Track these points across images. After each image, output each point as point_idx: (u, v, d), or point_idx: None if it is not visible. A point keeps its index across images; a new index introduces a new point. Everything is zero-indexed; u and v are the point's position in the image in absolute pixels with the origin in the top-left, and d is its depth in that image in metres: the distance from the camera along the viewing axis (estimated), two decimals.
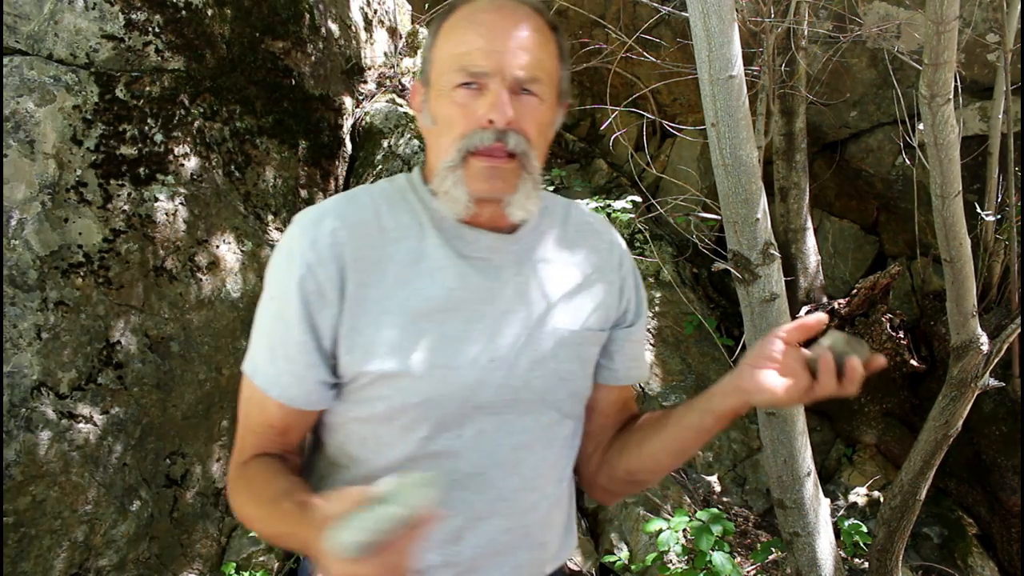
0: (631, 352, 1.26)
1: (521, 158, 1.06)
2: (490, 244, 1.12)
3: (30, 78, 2.73)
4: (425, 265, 1.09)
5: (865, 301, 3.26)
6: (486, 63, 1.04)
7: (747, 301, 2.05)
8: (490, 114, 1.03)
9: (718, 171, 1.92)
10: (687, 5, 1.78)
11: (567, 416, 1.18)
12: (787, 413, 2.18)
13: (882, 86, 3.52)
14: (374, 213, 1.12)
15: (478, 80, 1.05)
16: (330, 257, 1.06)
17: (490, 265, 1.12)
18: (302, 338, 1.06)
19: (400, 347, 1.06)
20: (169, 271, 2.93)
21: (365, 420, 1.11)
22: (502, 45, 1.05)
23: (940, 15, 1.70)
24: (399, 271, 1.09)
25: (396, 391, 1.07)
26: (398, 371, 1.06)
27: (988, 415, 3.14)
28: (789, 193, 3.45)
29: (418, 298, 1.07)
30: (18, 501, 2.57)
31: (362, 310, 1.06)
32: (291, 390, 1.08)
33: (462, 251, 1.11)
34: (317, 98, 3.56)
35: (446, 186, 1.07)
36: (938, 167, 1.96)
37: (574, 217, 1.24)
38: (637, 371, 1.27)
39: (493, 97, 1.03)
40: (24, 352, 2.61)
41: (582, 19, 4.03)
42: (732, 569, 2.50)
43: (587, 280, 1.19)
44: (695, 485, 3.32)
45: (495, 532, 1.12)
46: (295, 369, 1.07)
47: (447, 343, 1.07)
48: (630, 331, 1.25)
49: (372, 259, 1.08)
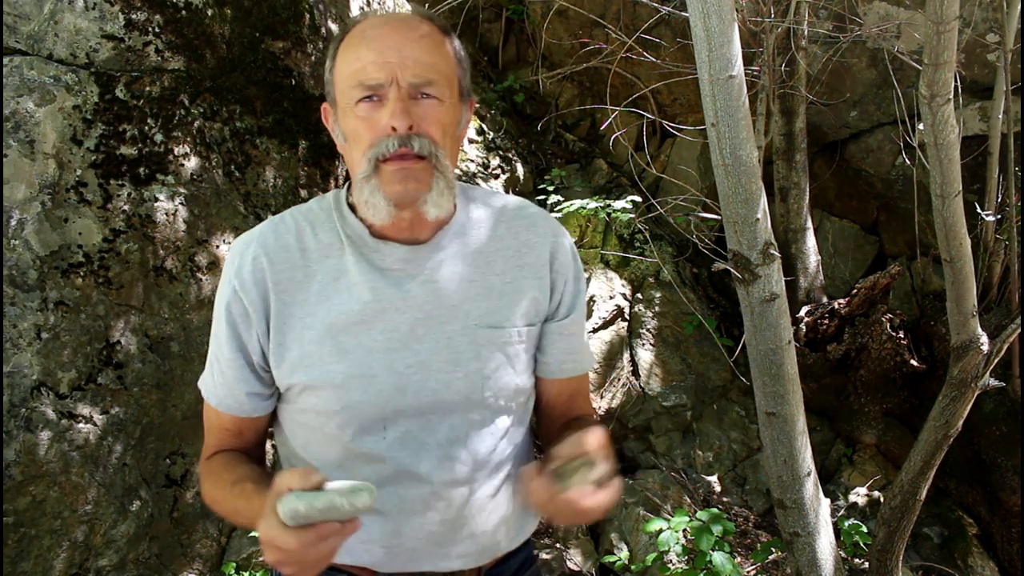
0: (565, 346, 1.29)
1: (430, 159, 1.11)
2: (404, 255, 1.18)
3: (30, 78, 2.73)
4: (344, 281, 1.17)
5: (865, 301, 3.27)
6: (380, 75, 1.09)
7: (747, 301, 2.05)
8: (391, 122, 1.09)
9: (718, 171, 1.92)
10: (687, 5, 1.78)
11: (499, 411, 1.22)
12: (787, 413, 2.18)
13: (882, 86, 3.52)
14: (297, 236, 1.20)
15: (376, 92, 1.10)
16: (252, 282, 1.17)
17: (405, 275, 1.18)
18: (231, 355, 1.19)
19: (321, 360, 1.15)
20: (169, 271, 2.93)
21: (301, 424, 1.23)
22: (393, 55, 1.10)
23: (940, 15, 1.70)
24: (320, 288, 1.17)
25: (320, 400, 1.16)
26: (319, 382, 1.16)
27: (988, 415, 3.14)
28: (789, 193, 3.46)
29: (336, 312, 1.16)
30: (18, 501, 2.57)
31: (288, 327, 1.17)
32: (226, 400, 1.22)
33: (378, 264, 1.18)
34: (317, 98, 3.57)
35: (365, 195, 1.13)
36: (938, 167, 1.96)
37: (509, 214, 1.28)
38: (573, 364, 1.30)
39: (391, 105, 1.09)
40: (24, 352, 2.61)
41: (582, 19, 4.04)
42: (732, 569, 2.50)
43: (512, 278, 1.23)
44: (695, 485, 3.32)
45: (431, 525, 1.19)
46: (227, 382, 1.21)
47: (364, 353, 1.15)
48: (562, 324, 1.27)
49: (295, 279, 1.17)
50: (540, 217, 1.29)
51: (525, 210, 1.29)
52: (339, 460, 1.18)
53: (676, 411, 3.47)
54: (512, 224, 1.26)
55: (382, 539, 1.19)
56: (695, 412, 3.53)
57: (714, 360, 3.62)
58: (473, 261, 1.22)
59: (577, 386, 1.34)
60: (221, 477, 1.20)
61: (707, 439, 3.51)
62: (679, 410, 3.48)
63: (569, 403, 1.34)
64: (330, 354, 1.15)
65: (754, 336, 2.09)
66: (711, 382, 3.60)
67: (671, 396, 3.47)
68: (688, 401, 3.49)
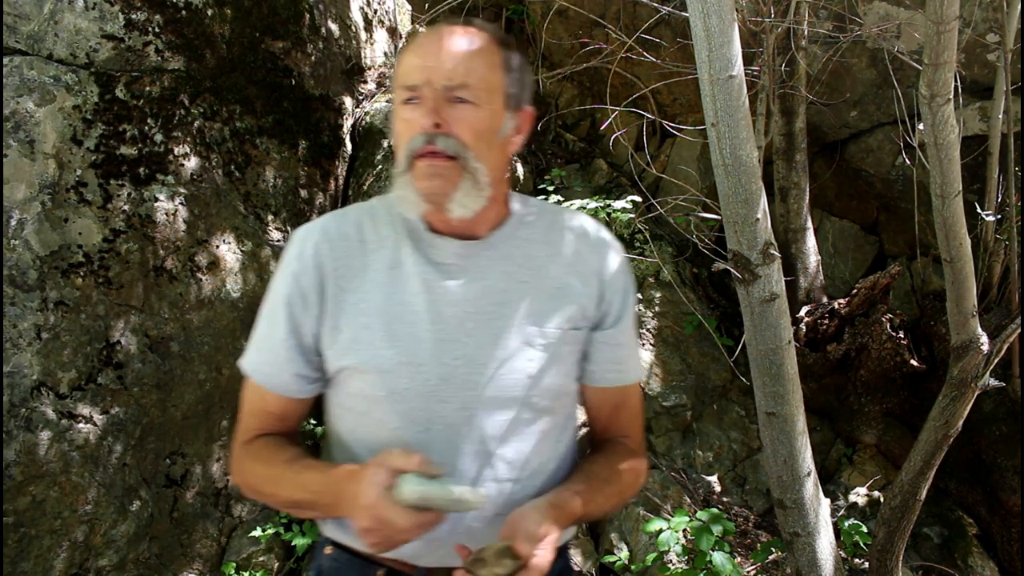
0: (610, 356, 1.32)
1: (459, 159, 1.16)
2: (458, 251, 1.23)
3: (30, 78, 2.73)
4: (399, 271, 1.22)
5: (865, 301, 3.26)
6: (418, 77, 1.17)
7: (747, 301, 2.05)
8: (421, 120, 1.16)
9: (718, 171, 1.92)
10: (687, 5, 1.78)
11: (542, 412, 1.25)
12: (787, 413, 2.18)
13: (882, 86, 3.51)
14: (356, 227, 1.26)
15: (415, 93, 1.17)
16: (312, 266, 1.22)
17: (460, 269, 1.23)
18: (284, 335, 1.23)
19: (372, 344, 1.19)
20: (169, 271, 2.93)
21: (349, 409, 1.26)
22: (432, 60, 1.17)
23: (940, 15, 1.70)
24: (376, 276, 1.22)
25: (367, 384, 1.20)
26: (368, 366, 1.20)
27: (988, 415, 3.14)
28: (789, 193, 3.45)
29: (390, 300, 1.21)
30: (18, 501, 2.57)
31: (342, 311, 1.21)
32: (273, 379, 1.25)
33: (432, 257, 1.23)
34: (317, 98, 3.56)
35: (401, 190, 1.19)
36: (938, 167, 1.96)
37: (562, 222, 1.32)
38: (617, 374, 1.33)
39: (423, 106, 1.16)
40: (24, 352, 2.61)
41: (582, 19, 4.03)
42: (732, 569, 2.50)
43: (562, 283, 1.27)
44: (695, 485, 3.32)
45: (469, 520, 1.21)
46: (277, 361, 1.24)
47: (413, 342, 1.19)
48: (607, 334, 1.31)
49: (352, 267, 1.23)
50: (592, 228, 1.34)
51: (579, 220, 1.34)
52: (384, 447, 1.19)
53: (676, 411, 3.47)
54: (565, 233, 1.31)
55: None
56: (695, 412, 3.53)
57: (714, 360, 3.62)
58: (525, 263, 1.26)
59: (621, 400, 1.36)
60: (272, 456, 1.23)
61: (707, 439, 3.51)
62: (679, 410, 3.48)
63: (612, 416, 1.36)
64: (381, 339, 1.19)
65: (754, 336, 2.09)
66: (711, 382, 3.60)
67: (671, 396, 3.47)
68: (688, 401, 3.49)
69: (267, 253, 3.23)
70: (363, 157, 3.80)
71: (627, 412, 1.38)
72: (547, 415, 1.25)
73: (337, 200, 3.73)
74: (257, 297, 3.16)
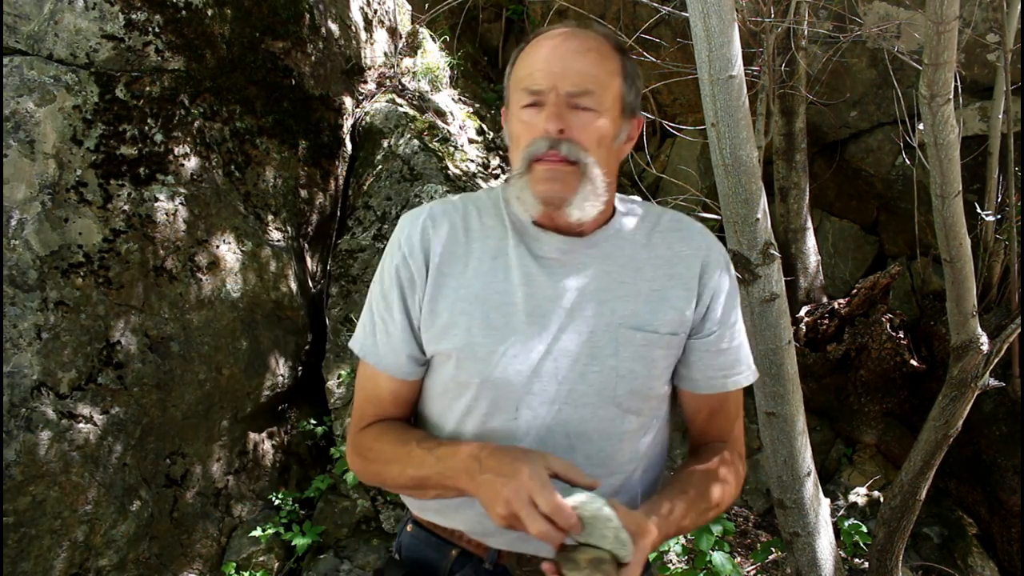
0: (713, 362, 1.31)
1: (579, 164, 1.18)
2: (561, 246, 1.24)
3: (30, 78, 2.73)
4: (501, 261, 1.24)
5: (865, 301, 3.26)
6: (542, 82, 1.18)
7: (747, 301, 2.05)
8: (545, 125, 1.17)
9: (718, 171, 1.92)
10: (687, 5, 1.78)
11: (630, 412, 1.25)
12: (787, 413, 2.18)
13: (882, 86, 3.52)
14: (463, 216, 1.29)
15: (538, 98, 1.19)
16: (420, 250, 1.25)
17: (560, 264, 1.24)
18: (399, 317, 1.26)
19: (468, 330, 1.21)
20: (169, 271, 2.93)
21: (440, 394, 1.27)
22: (556, 65, 1.19)
23: (940, 15, 1.70)
24: (478, 265, 1.24)
25: (460, 370, 1.22)
26: (463, 352, 1.21)
27: (988, 415, 3.14)
28: (789, 193, 3.45)
29: (489, 289, 1.23)
30: (18, 501, 2.57)
31: (441, 295, 1.24)
32: (388, 360, 1.27)
33: (535, 251, 1.24)
34: (317, 98, 3.56)
35: (517, 191, 1.21)
36: (938, 167, 1.96)
37: (664, 225, 1.32)
38: (723, 380, 1.32)
39: (547, 110, 1.17)
40: (24, 352, 2.61)
41: (582, 19, 4.03)
42: (732, 569, 2.50)
43: (661, 285, 1.26)
44: None
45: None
46: (392, 343, 1.27)
47: (509, 331, 1.21)
48: (708, 342, 1.30)
49: (455, 254, 1.25)
50: (696, 231, 1.33)
51: (681, 222, 1.33)
52: (474, 431, 1.23)
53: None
54: (667, 235, 1.30)
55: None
56: None
57: None
58: (625, 263, 1.26)
59: (719, 404, 1.35)
60: (399, 435, 1.25)
61: None
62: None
63: (708, 420, 1.36)
64: (477, 326, 1.21)
65: (754, 336, 2.09)
66: None
67: None
68: None
69: (267, 253, 3.23)
70: (363, 157, 3.80)
71: (726, 416, 1.37)
72: (633, 415, 1.26)
73: (337, 200, 3.73)
74: (257, 297, 3.16)
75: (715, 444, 1.35)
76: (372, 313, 1.30)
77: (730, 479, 1.31)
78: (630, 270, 1.26)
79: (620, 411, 1.24)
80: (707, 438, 1.37)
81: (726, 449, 1.34)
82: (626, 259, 1.27)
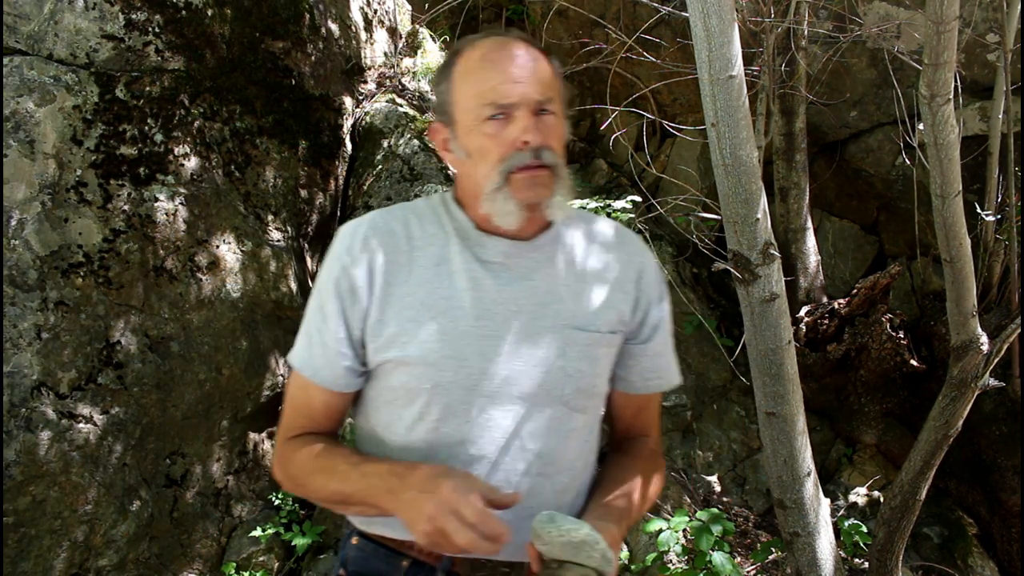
0: (650, 365, 1.37)
1: (553, 168, 1.23)
2: (506, 250, 1.27)
3: (30, 78, 2.73)
4: (445, 267, 1.26)
5: (865, 301, 3.26)
6: (511, 94, 1.20)
7: (747, 301, 2.05)
8: (524, 136, 1.20)
9: (718, 171, 1.92)
10: (687, 5, 1.78)
11: (576, 411, 1.29)
12: (787, 413, 2.18)
13: (882, 86, 3.51)
14: (404, 224, 1.29)
15: (505, 111, 1.21)
16: (361, 260, 1.25)
17: (505, 268, 1.26)
18: (336, 328, 1.25)
19: (417, 337, 1.22)
20: (169, 271, 2.93)
21: (388, 403, 1.27)
22: (520, 76, 1.21)
23: (940, 15, 1.70)
24: (422, 273, 1.25)
25: (411, 377, 1.23)
26: (413, 359, 1.22)
27: (988, 415, 3.14)
28: (789, 193, 3.45)
29: (436, 296, 1.24)
30: (18, 501, 2.57)
31: (388, 305, 1.24)
32: (324, 372, 1.27)
33: (480, 256, 1.26)
34: (317, 98, 3.56)
35: (497, 205, 1.22)
36: (938, 167, 1.96)
37: (602, 231, 1.37)
38: (657, 382, 1.39)
39: (523, 122, 1.20)
40: (24, 352, 2.61)
41: (582, 19, 4.03)
42: (732, 569, 2.50)
43: (601, 286, 1.31)
44: (695, 485, 3.32)
45: (501, 512, 1.19)
46: (328, 354, 1.26)
47: (458, 336, 1.22)
48: (645, 347, 1.36)
49: (399, 262, 1.26)
50: (632, 239, 1.40)
51: (618, 229, 1.40)
52: (420, 444, 1.24)
53: (676, 411, 3.47)
54: (605, 240, 1.36)
55: None
56: (695, 412, 3.53)
57: (714, 360, 3.62)
58: (567, 266, 1.31)
59: (647, 402, 1.43)
60: (323, 450, 1.25)
61: (707, 439, 3.51)
62: (679, 410, 3.48)
63: (635, 416, 1.42)
64: (427, 333, 1.22)
65: (754, 336, 2.09)
66: (711, 382, 3.60)
67: (671, 396, 3.47)
68: (688, 401, 3.49)
69: (267, 253, 3.23)
70: (363, 157, 3.81)
71: (649, 412, 1.44)
72: (580, 413, 1.29)
73: (337, 200, 3.73)
74: (257, 297, 3.16)
75: (640, 439, 1.42)
76: (308, 325, 1.30)
77: (660, 474, 1.40)
78: (572, 272, 1.30)
79: (568, 410, 1.27)
80: (632, 433, 1.43)
81: (650, 444, 1.41)
82: (568, 262, 1.31)
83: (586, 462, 1.34)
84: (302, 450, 1.27)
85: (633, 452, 1.39)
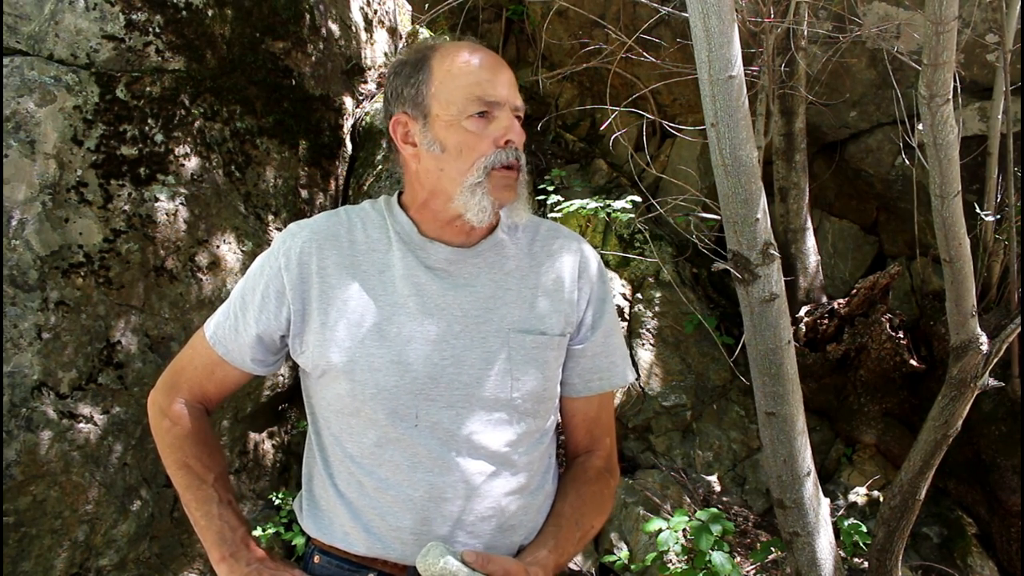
0: (587, 366, 1.37)
1: (521, 170, 1.27)
2: (449, 256, 1.28)
3: (30, 78, 2.73)
4: (389, 274, 1.27)
5: (865, 301, 3.27)
6: (498, 93, 1.24)
7: (747, 301, 2.05)
8: (508, 136, 1.23)
9: (718, 171, 1.92)
10: (687, 5, 1.78)
11: (525, 414, 1.29)
12: (787, 413, 2.18)
13: (882, 86, 3.52)
14: (347, 228, 1.31)
15: (491, 109, 1.23)
16: (297, 263, 1.26)
17: (448, 274, 1.28)
18: (252, 324, 1.28)
19: (361, 343, 1.23)
20: (169, 271, 2.94)
21: (337, 412, 1.28)
22: (502, 79, 1.25)
23: (939, 15, 1.70)
24: (365, 278, 1.26)
25: (356, 384, 1.23)
26: (358, 365, 1.23)
27: (988, 415, 3.14)
28: (789, 193, 3.46)
29: (380, 302, 1.25)
30: (18, 501, 2.58)
31: (331, 308, 1.24)
32: (232, 354, 1.32)
33: (423, 261, 1.27)
34: (317, 98, 3.57)
35: (475, 199, 1.23)
36: (938, 167, 1.96)
37: (543, 234, 1.38)
38: (598, 383, 1.39)
39: (508, 122, 1.24)
40: (24, 352, 2.61)
41: (582, 19, 4.04)
42: (732, 569, 2.50)
43: (545, 289, 1.33)
44: (695, 485, 3.32)
45: (459, 512, 1.24)
46: (239, 342, 1.31)
47: (403, 342, 1.23)
48: (584, 347, 1.36)
49: (341, 266, 1.27)
50: (573, 238, 1.41)
51: (559, 231, 1.41)
52: (372, 447, 1.24)
53: (676, 411, 3.48)
54: (546, 242, 1.37)
55: (412, 526, 1.23)
56: (695, 412, 3.53)
57: (714, 360, 3.63)
58: (511, 271, 1.32)
59: (597, 410, 1.42)
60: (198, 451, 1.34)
61: (707, 439, 3.51)
62: (679, 410, 3.48)
63: (585, 429, 1.42)
64: (371, 339, 1.23)
65: (754, 336, 2.09)
66: (711, 382, 3.61)
67: (671, 396, 3.47)
68: (688, 401, 3.49)
69: None
70: (363, 157, 3.81)
71: (600, 425, 1.43)
72: (530, 416, 1.30)
73: (337, 200, 3.74)
74: None
75: (592, 456, 1.41)
76: (231, 304, 1.33)
77: (608, 500, 1.40)
78: (515, 277, 1.32)
79: (517, 414, 1.28)
80: (582, 448, 1.42)
81: (597, 461, 1.41)
82: (511, 267, 1.32)
83: (546, 465, 1.35)
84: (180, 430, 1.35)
85: (577, 479, 1.38)
